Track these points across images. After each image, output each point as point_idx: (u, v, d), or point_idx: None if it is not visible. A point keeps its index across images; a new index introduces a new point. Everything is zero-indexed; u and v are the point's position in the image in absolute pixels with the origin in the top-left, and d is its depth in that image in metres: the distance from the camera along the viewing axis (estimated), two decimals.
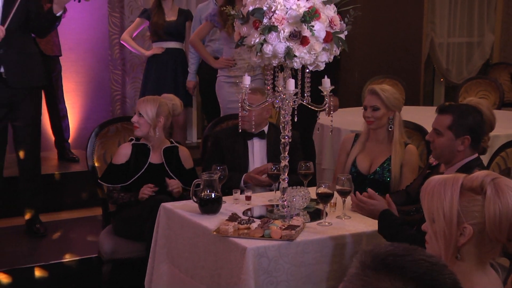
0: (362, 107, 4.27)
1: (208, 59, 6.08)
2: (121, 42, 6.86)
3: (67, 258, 4.80)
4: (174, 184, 4.32)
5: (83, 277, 4.73)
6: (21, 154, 5.10)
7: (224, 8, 4.59)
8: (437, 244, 2.01)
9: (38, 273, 4.66)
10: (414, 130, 4.67)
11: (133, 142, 4.44)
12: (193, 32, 6.38)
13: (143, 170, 4.38)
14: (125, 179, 4.38)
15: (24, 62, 4.97)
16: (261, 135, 4.50)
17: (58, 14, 4.89)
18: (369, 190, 3.32)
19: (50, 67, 6.16)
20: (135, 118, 4.38)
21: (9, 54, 4.88)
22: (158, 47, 6.53)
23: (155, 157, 4.43)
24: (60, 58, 6.37)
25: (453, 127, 3.27)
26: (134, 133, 4.44)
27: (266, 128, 4.53)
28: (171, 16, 6.47)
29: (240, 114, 3.63)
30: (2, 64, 4.87)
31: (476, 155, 3.37)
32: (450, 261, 1.98)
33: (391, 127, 4.13)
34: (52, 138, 6.56)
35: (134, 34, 6.68)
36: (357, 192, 3.32)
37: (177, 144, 4.55)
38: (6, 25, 4.77)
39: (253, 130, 4.24)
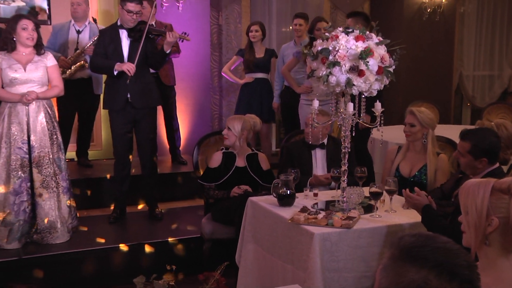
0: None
1: (293, 86, 6.13)
2: (222, 73, 6.94)
3: (177, 236, 4.84)
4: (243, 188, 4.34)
5: (189, 251, 4.76)
6: (143, 157, 5.18)
7: (304, 48, 4.60)
8: (469, 233, 1.98)
9: (151, 248, 4.72)
10: (447, 143, 4.64)
11: (223, 150, 4.49)
12: (277, 65, 6.46)
13: (231, 172, 4.42)
14: (217, 179, 4.42)
15: (144, 89, 5.01)
16: (321, 146, 4.47)
17: (167, 52, 4.95)
18: (416, 188, 3.30)
19: (167, 93, 6.27)
20: (225, 131, 4.44)
21: (133, 84, 4.92)
22: (249, 77, 6.57)
23: (240, 162, 4.45)
24: (174, 86, 6.46)
25: (472, 152, 3.24)
26: (223, 142, 4.48)
27: (325, 141, 4.49)
28: (259, 53, 6.50)
29: (306, 130, 3.66)
30: (128, 91, 4.93)
31: (497, 165, 3.31)
32: (479, 246, 1.96)
33: (425, 141, 4.07)
34: (167, 146, 6.65)
35: (232, 68, 6.74)
36: (407, 189, 3.29)
37: (257, 151, 4.58)
38: (135, 63, 4.85)
39: (311, 141, 4.25)
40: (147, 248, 4.70)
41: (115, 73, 4.85)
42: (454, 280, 1.23)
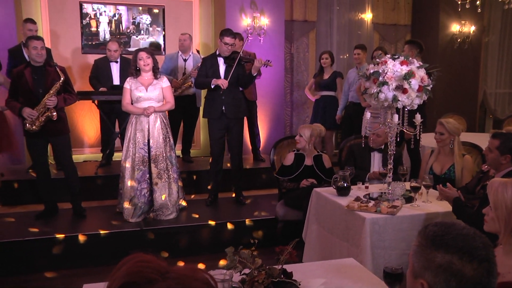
0: None
1: (361, 101, 6.02)
2: (305, 92, 6.92)
3: (257, 217, 4.86)
4: (310, 181, 4.30)
5: (266, 229, 4.78)
6: (233, 156, 5.23)
7: (358, 71, 4.48)
8: (498, 224, 1.91)
9: (242, 224, 4.77)
10: (473, 147, 4.49)
11: (295, 152, 4.46)
12: (344, 86, 6.41)
13: (301, 169, 4.38)
14: (290, 174, 4.39)
15: (235, 103, 5.05)
16: (379, 150, 4.37)
17: (254, 75, 4.98)
18: (448, 184, 3.22)
19: (251, 107, 6.32)
20: (297, 137, 4.41)
21: (227, 99, 4.98)
22: (317, 95, 6.53)
23: (308, 161, 4.41)
24: (256, 101, 6.51)
25: (500, 148, 3.13)
26: (296, 146, 4.45)
27: (383, 146, 4.38)
28: (326, 76, 6.44)
29: (369, 136, 3.68)
30: (223, 104, 4.99)
31: None
32: (508, 235, 1.89)
33: (452, 146, 3.95)
34: (250, 147, 6.71)
35: (311, 88, 6.70)
36: (440, 185, 3.22)
37: (321, 153, 4.52)
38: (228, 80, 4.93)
39: (372, 145, 4.17)
40: (235, 225, 4.75)
41: (213, 86, 4.93)
42: (474, 261, 1.19)
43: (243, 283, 1.96)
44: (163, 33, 7.03)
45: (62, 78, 4.49)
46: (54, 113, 4.46)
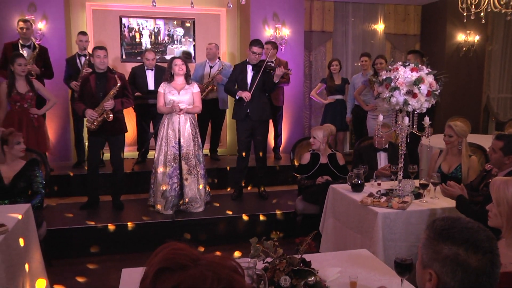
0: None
1: (362, 105, 6.06)
2: (310, 96, 6.89)
3: (278, 211, 4.86)
4: (325, 178, 4.28)
5: (286, 222, 4.77)
6: (259, 154, 5.22)
7: (371, 77, 4.46)
8: (501, 219, 1.87)
9: (262, 218, 4.77)
10: (477, 148, 4.43)
11: (311, 152, 4.44)
12: (349, 90, 6.37)
13: (316, 167, 4.36)
14: (307, 172, 4.38)
15: (260, 107, 5.05)
16: (384, 149, 4.32)
17: (276, 82, 4.98)
18: (449, 182, 3.16)
19: (276, 111, 6.35)
20: (311, 140, 4.41)
21: (252, 103, 4.98)
22: (331, 98, 6.47)
23: (323, 159, 4.39)
24: (282, 106, 6.52)
25: (503, 149, 3.07)
26: (312, 147, 4.43)
27: (387, 146, 4.34)
28: (337, 81, 6.40)
29: (374, 138, 3.57)
30: (249, 108, 5.00)
31: None
32: (510, 229, 1.86)
33: (460, 147, 3.88)
34: (272, 146, 6.70)
35: (318, 92, 6.67)
36: (443, 184, 3.15)
37: (335, 152, 4.49)
38: (252, 90, 4.92)
39: (381, 146, 4.12)
40: (259, 218, 4.75)
41: (237, 97, 4.98)
42: (478, 252, 1.18)
43: (266, 270, 1.97)
44: (194, 43, 7.12)
45: (118, 84, 4.58)
46: (111, 115, 4.56)
